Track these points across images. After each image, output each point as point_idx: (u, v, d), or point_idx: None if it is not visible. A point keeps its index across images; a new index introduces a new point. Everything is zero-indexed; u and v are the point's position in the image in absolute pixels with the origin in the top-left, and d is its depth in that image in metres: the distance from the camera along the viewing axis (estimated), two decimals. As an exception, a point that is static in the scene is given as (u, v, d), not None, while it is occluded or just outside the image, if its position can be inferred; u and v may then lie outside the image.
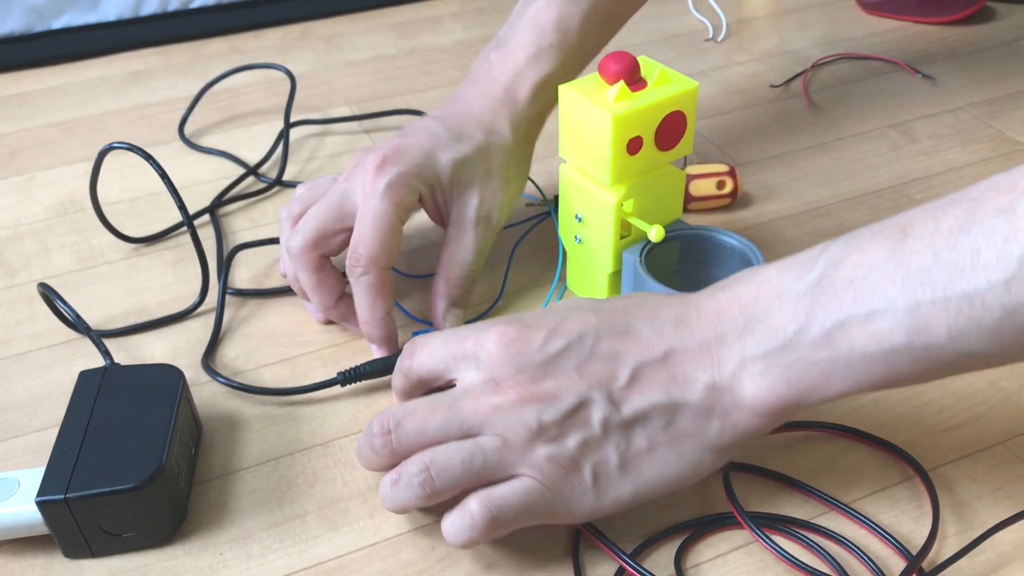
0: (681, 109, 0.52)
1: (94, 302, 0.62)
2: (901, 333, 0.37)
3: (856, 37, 0.92)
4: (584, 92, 0.52)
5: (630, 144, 0.52)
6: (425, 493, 0.42)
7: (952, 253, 0.36)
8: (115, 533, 0.44)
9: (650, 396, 0.41)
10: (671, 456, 0.42)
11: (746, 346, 0.41)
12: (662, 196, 0.56)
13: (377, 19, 1.00)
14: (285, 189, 0.72)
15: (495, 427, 0.42)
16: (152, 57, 0.94)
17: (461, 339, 0.44)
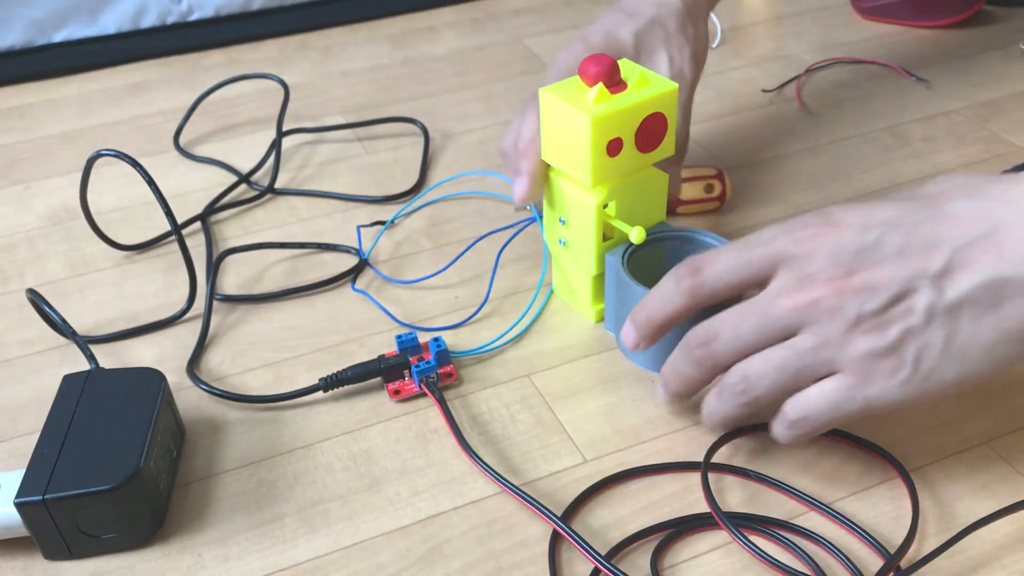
0: (661, 110, 0.52)
1: (84, 309, 0.62)
2: None
3: (852, 42, 0.92)
4: (564, 95, 0.52)
5: (610, 146, 0.52)
6: (747, 401, 0.44)
7: None
8: (94, 534, 0.45)
9: (975, 276, 0.40)
10: (999, 337, 0.40)
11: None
12: (645, 198, 0.56)
13: (374, 30, 1.01)
14: (277, 197, 0.73)
15: (812, 324, 0.41)
16: (151, 69, 0.95)
17: (766, 241, 0.44)
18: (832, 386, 0.42)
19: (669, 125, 0.53)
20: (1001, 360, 0.41)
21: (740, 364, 0.44)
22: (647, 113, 0.52)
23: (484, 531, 0.46)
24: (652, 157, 0.54)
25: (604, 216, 0.54)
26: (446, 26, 1.01)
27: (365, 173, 0.75)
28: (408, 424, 0.52)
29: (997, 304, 0.40)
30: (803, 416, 0.43)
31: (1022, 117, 0.77)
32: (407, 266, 0.64)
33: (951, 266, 0.40)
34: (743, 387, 0.43)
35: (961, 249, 0.40)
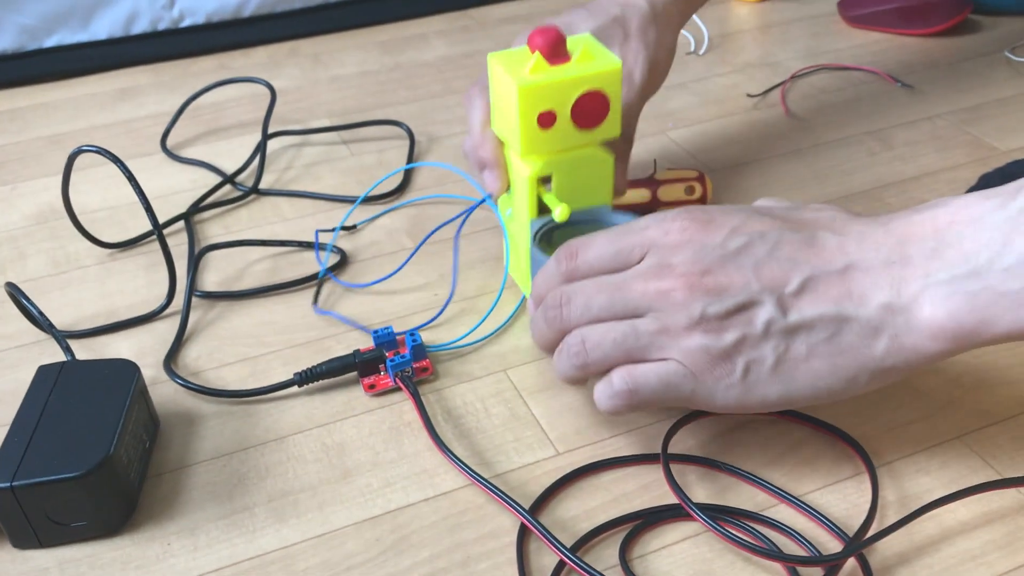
0: (601, 88, 0.51)
1: (65, 305, 0.62)
2: None
3: (839, 49, 0.92)
4: (506, 63, 0.52)
5: (541, 117, 0.51)
6: (578, 364, 0.45)
7: None
8: (63, 523, 0.45)
9: (820, 306, 0.41)
10: (827, 368, 0.42)
11: (932, 269, 0.40)
12: (589, 178, 0.55)
13: (364, 37, 1.01)
14: (261, 197, 0.73)
15: (657, 311, 0.43)
16: (141, 74, 0.96)
17: (639, 229, 0.45)
18: (666, 368, 0.43)
19: (612, 104, 0.52)
20: (823, 391, 0.42)
21: (581, 328, 0.45)
22: (584, 89, 0.51)
23: (454, 522, 0.46)
24: (593, 136, 0.53)
25: (538, 189, 0.53)
26: (436, 34, 1.01)
27: (349, 174, 0.76)
28: (382, 418, 0.52)
29: (832, 338, 0.41)
30: (631, 388, 0.44)
31: (1005, 122, 0.77)
32: (388, 264, 0.64)
33: (802, 290, 0.42)
34: (577, 350, 0.45)
35: (815, 278, 0.42)
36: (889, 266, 0.41)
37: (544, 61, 0.51)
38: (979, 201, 0.40)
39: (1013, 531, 0.43)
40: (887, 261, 0.41)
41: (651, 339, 0.43)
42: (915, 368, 0.42)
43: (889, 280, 0.41)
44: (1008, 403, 0.50)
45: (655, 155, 0.75)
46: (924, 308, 0.40)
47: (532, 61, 0.50)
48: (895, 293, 0.41)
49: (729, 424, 0.50)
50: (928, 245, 0.40)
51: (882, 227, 0.42)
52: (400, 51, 0.98)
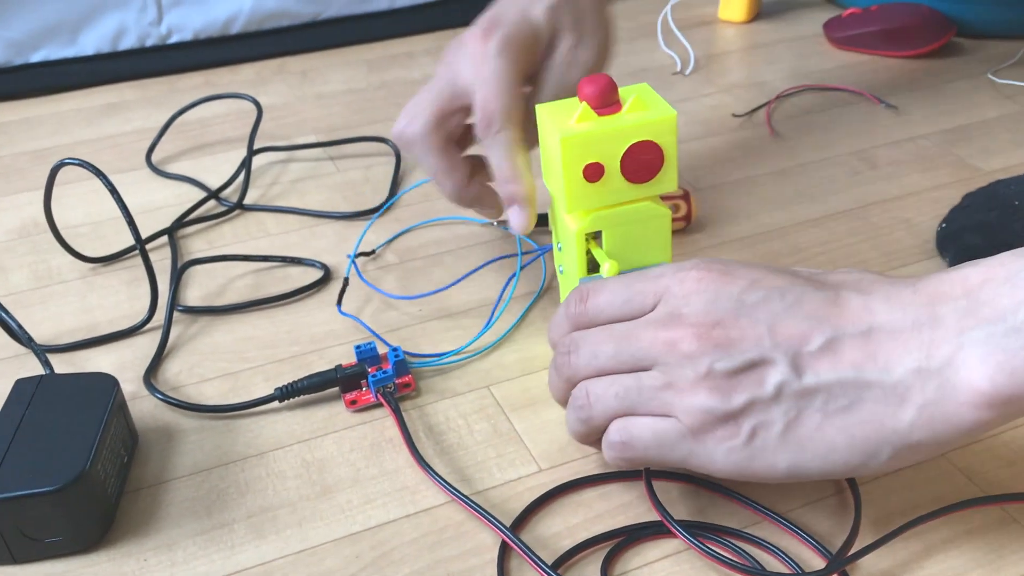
0: (653, 139, 0.48)
1: (46, 319, 0.62)
2: None
3: (824, 70, 0.93)
4: (553, 112, 0.49)
5: (587, 170, 0.48)
6: (583, 417, 0.43)
7: None
8: (37, 538, 0.44)
9: (840, 370, 0.38)
10: (843, 439, 0.39)
11: (966, 328, 0.37)
12: (643, 235, 0.51)
13: (351, 55, 1.01)
14: (245, 212, 0.73)
15: (664, 364, 0.41)
16: (128, 90, 0.95)
17: (654, 276, 0.43)
18: (663, 425, 0.41)
19: (667, 156, 0.49)
20: (838, 465, 0.39)
21: (587, 382, 0.43)
22: (634, 140, 0.48)
23: (434, 539, 0.45)
24: (647, 190, 0.50)
25: (589, 245, 0.51)
26: (423, 52, 1.02)
27: (335, 190, 0.75)
28: (363, 434, 0.52)
29: (851, 406, 0.38)
30: (624, 440, 0.42)
31: (989, 143, 0.78)
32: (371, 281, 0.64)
33: (821, 352, 0.39)
34: (582, 403, 0.43)
35: (837, 339, 0.39)
36: (918, 328, 0.38)
37: (591, 111, 0.48)
38: (1012, 259, 0.37)
39: (996, 548, 0.43)
40: (916, 323, 0.38)
41: (654, 394, 0.41)
42: (945, 444, 0.38)
43: (918, 343, 0.38)
44: (991, 421, 0.50)
45: (641, 173, 0.75)
46: (959, 371, 0.36)
47: (579, 111, 0.48)
48: (925, 357, 0.37)
49: (712, 441, 0.50)
50: (961, 304, 0.37)
51: (910, 288, 0.39)
52: (387, 69, 0.98)
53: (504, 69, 0.53)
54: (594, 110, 0.48)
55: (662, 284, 0.42)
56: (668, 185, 0.50)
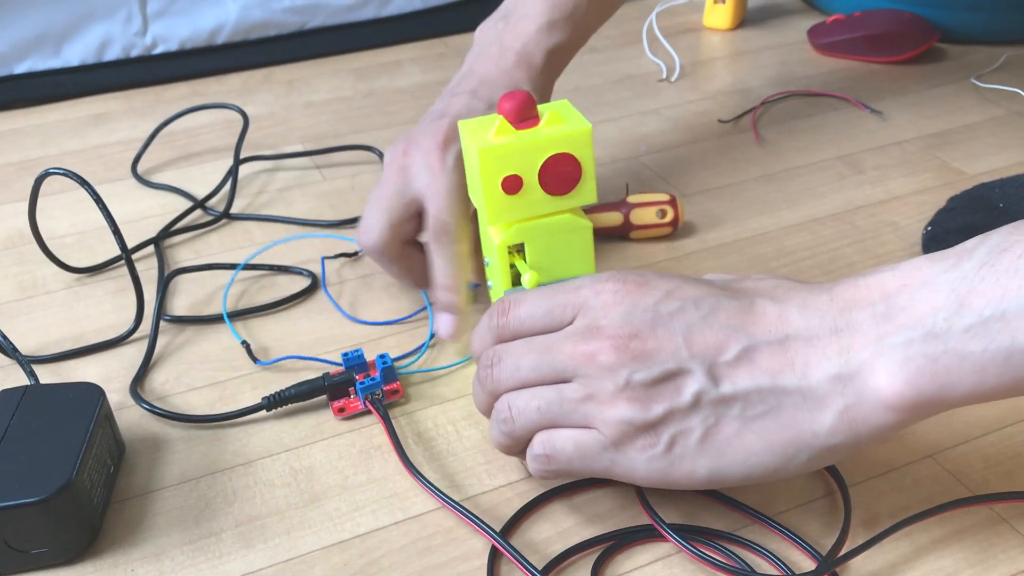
0: (571, 151, 0.48)
1: (31, 329, 0.61)
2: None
3: (809, 76, 0.93)
4: (473, 128, 0.50)
5: (506, 182, 0.48)
6: (506, 431, 0.43)
7: None
8: (23, 549, 0.44)
9: (756, 378, 0.39)
10: (761, 445, 0.39)
11: (884, 333, 0.37)
12: (566, 248, 0.51)
13: (338, 64, 1.02)
14: (232, 222, 0.73)
15: (583, 376, 0.41)
16: (114, 101, 0.95)
17: (573, 288, 0.43)
18: (584, 437, 0.41)
19: (584, 169, 0.49)
20: (757, 470, 0.40)
21: (509, 394, 0.43)
22: (551, 152, 0.48)
23: (423, 546, 0.45)
24: (567, 202, 0.50)
25: (512, 258, 0.51)
26: (410, 61, 1.02)
27: (322, 199, 0.75)
28: (352, 441, 0.51)
29: (769, 412, 0.39)
30: (547, 453, 0.42)
31: (973, 147, 0.78)
32: (358, 289, 0.64)
33: (737, 360, 0.39)
34: (504, 416, 0.43)
35: (753, 347, 0.39)
36: (836, 334, 0.38)
37: (509, 125, 0.48)
38: (929, 263, 0.38)
39: (985, 548, 0.43)
40: (833, 329, 0.39)
41: (576, 406, 0.41)
42: (863, 444, 0.39)
43: (836, 349, 0.38)
44: (978, 423, 0.50)
45: (627, 179, 0.76)
46: (879, 376, 0.37)
47: (496, 125, 0.48)
48: (843, 363, 0.38)
49: (701, 445, 0.50)
50: (879, 309, 0.38)
51: (826, 293, 0.40)
52: (374, 78, 0.98)
53: (459, 184, 0.54)
54: (512, 124, 0.48)
55: (581, 296, 0.43)
56: (588, 197, 0.50)
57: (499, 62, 0.60)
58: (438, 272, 0.55)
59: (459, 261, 0.55)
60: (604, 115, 0.87)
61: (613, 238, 0.68)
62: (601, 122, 0.86)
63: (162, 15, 0.99)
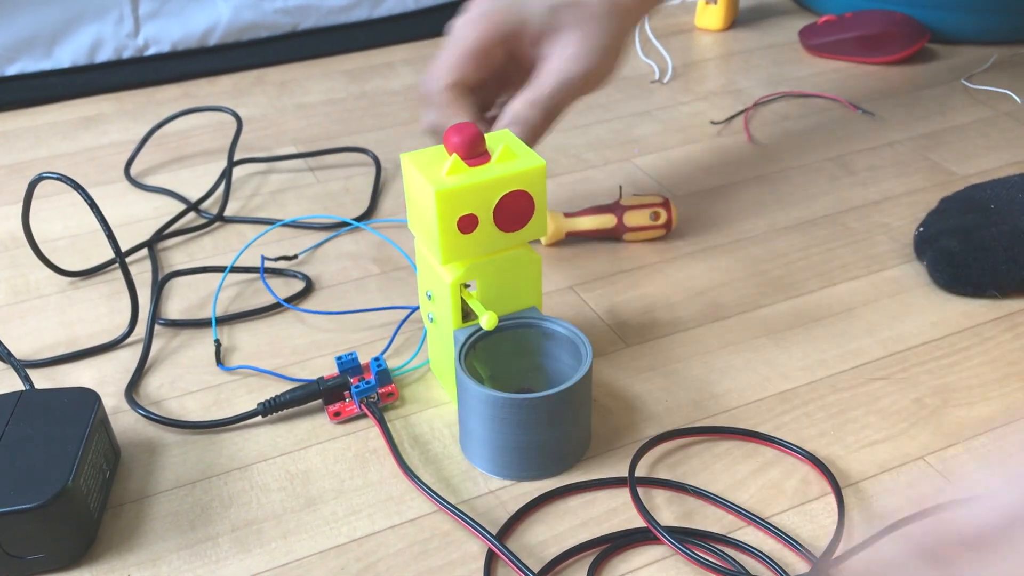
0: (525, 188, 0.48)
1: (25, 334, 0.61)
2: None
3: (800, 77, 0.94)
4: (421, 163, 0.49)
5: (461, 222, 0.48)
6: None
7: None
8: (19, 555, 0.44)
9: None
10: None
11: None
12: (516, 281, 0.51)
13: (331, 65, 1.01)
14: (225, 224, 0.73)
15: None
16: (105, 103, 0.95)
17: None
18: None
19: (536, 204, 0.49)
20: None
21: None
22: (506, 190, 0.48)
23: (420, 549, 0.45)
24: (519, 237, 0.50)
25: (463, 295, 0.50)
26: (402, 62, 1.02)
27: (315, 201, 0.75)
28: (347, 445, 0.51)
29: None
30: None
31: (963, 148, 0.79)
32: (353, 291, 0.64)
33: None
34: None
35: None
36: None
37: (461, 162, 0.48)
38: None
39: (978, 550, 0.44)
40: None
41: None
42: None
43: None
44: (971, 424, 0.51)
45: (620, 181, 0.76)
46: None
47: (450, 162, 0.47)
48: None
49: (696, 447, 0.50)
50: None
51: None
52: (366, 79, 0.98)
53: (463, 37, 0.56)
54: (463, 160, 0.48)
55: None
56: (538, 232, 0.50)
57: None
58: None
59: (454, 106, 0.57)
60: (596, 117, 0.87)
61: (606, 240, 0.68)
62: (593, 124, 0.86)
63: (154, 16, 0.99)
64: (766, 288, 0.63)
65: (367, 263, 0.67)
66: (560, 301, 0.62)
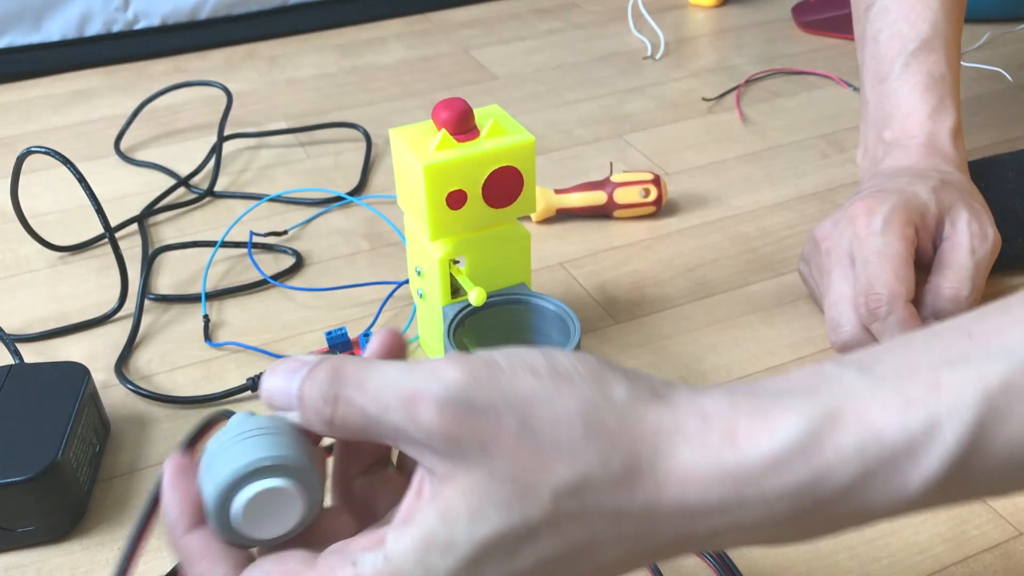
0: (514, 164, 0.48)
1: (14, 308, 0.61)
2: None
3: (793, 54, 0.93)
4: (410, 138, 0.48)
5: (450, 198, 0.48)
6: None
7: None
8: (9, 528, 0.44)
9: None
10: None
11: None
12: (505, 257, 0.51)
13: (322, 40, 1.01)
14: (216, 199, 0.73)
15: None
16: (96, 77, 0.95)
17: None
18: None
19: (526, 180, 0.49)
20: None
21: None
22: (495, 166, 0.48)
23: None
24: (507, 213, 0.50)
25: (452, 271, 0.50)
26: (394, 37, 1.01)
27: (306, 176, 0.75)
28: (337, 419, 0.52)
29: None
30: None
31: (954, 126, 0.79)
32: (344, 266, 0.64)
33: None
34: None
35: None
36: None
37: (451, 137, 0.47)
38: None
39: (959, 524, 0.44)
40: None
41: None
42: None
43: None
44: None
45: (611, 158, 0.76)
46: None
47: (438, 137, 0.47)
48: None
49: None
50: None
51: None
52: (358, 54, 0.98)
53: (890, 245, 0.50)
54: (452, 136, 0.48)
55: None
56: (527, 208, 0.50)
57: (908, 154, 0.57)
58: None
59: (909, 327, 0.49)
60: (588, 92, 0.87)
61: (597, 217, 0.68)
62: (585, 99, 0.86)
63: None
64: (755, 265, 0.63)
65: (357, 239, 0.67)
66: (550, 278, 0.63)
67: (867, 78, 0.61)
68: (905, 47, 0.59)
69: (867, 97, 0.61)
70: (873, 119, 0.60)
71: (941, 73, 0.59)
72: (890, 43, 0.60)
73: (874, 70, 0.61)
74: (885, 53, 0.60)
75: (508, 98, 0.87)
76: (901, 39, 0.60)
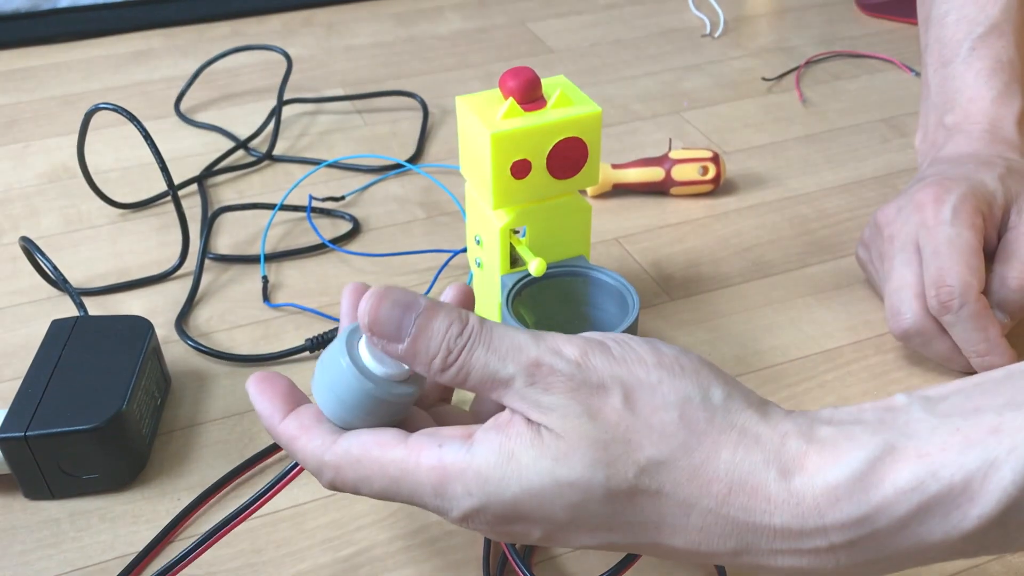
0: (580, 136, 0.48)
1: (77, 263, 0.62)
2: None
3: (854, 36, 0.92)
4: (477, 106, 0.48)
5: (515, 167, 0.48)
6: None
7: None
8: (74, 474, 0.45)
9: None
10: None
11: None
12: (565, 228, 0.51)
13: (379, 8, 1.01)
14: (274, 163, 0.73)
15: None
16: (156, 38, 0.95)
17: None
18: None
19: (590, 152, 0.49)
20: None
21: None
22: (561, 136, 0.48)
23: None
24: (570, 185, 0.50)
25: (512, 240, 0.50)
26: (451, 7, 1.01)
27: (362, 143, 0.76)
28: (392, 383, 0.52)
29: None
30: None
31: (1019, 114, 0.77)
32: (399, 234, 0.65)
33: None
34: None
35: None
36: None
37: (517, 106, 0.47)
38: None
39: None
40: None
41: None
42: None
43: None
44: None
45: (669, 134, 0.75)
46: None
47: (505, 106, 0.47)
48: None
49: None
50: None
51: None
52: (414, 23, 0.98)
53: (959, 234, 0.49)
54: (520, 105, 0.47)
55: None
56: (590, 180, 0.50)
57: (970, 141, 0.56)
58: (964, 340, 0.49)
59: (984, 318, 0.49)
60: (645, 68, 0.86)
61: (654, 193, 0.68)
62: (642, 75, 0.85)
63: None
64: (813, 247, 0.62)
65: (413, 207, 0.67)
66: (605, 252, 0.62)
67: (930, 61, 0.60)
68: (972, 30, 0.58)
69: (929, 80, 0.60)
70: (935, 103, 0.59)
71: (1009, 58, 0.58)
72: (957, 26, 0.59)
73: (938, 53, 0.60)
74: (951, 36, 0.59)
75: (564, 71, 0.87)
76: (968, 22, 0.59)
